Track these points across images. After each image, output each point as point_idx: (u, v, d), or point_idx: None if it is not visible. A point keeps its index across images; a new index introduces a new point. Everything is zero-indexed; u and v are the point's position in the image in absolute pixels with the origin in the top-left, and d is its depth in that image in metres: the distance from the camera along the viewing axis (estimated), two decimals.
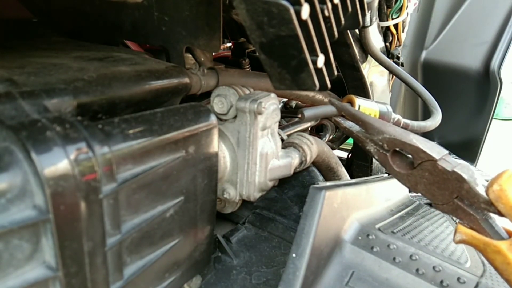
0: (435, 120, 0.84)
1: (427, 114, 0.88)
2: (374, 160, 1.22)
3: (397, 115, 0.73)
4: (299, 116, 0.57)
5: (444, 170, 0.47)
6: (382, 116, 0.68)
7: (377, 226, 0.64)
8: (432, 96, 0.94)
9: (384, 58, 0.98)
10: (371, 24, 0.90)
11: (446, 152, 0.49)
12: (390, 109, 0.70)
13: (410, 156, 0.51)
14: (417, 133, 0.56)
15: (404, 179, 0.52)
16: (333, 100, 0.60)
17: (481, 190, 0.45)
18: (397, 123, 0.72)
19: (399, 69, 1.00)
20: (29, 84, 0.41)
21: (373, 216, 0.67)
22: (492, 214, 0.46)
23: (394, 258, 0.57)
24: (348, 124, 0.58)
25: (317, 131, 1.30)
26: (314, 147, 0.72)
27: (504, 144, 3.43)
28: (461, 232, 0.47)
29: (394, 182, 0.83)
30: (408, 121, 0.76)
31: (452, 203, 0.48)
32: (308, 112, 0.57)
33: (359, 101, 0.65)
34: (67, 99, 0.41)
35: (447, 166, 0.47)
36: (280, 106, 1.43)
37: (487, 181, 0.45)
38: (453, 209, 0.48)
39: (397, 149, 0.52)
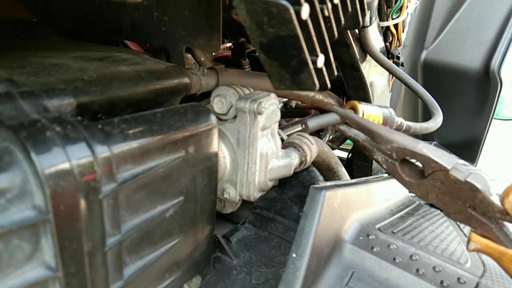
0: (436, 121, 0.84)
1: (427, 114, 0.88)
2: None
3: (399, 118, 0.72)
4: (303, 127, 0.55)
5: (457, 180, 0.46)
6: (386, 120, 0.67)
7: (377, 226, 0.64)
8: (432, 96, 0.94)
9: (384, 59, 0.98)
10: (370, 24, 0.90)
11: (457, 160, 0.48)
12: (393, 112, 0.69)
13: (419, 164, 0.50)
14: (419, 135, 0.55)
15: (414, 189, 0.51)
16: (337, 107, 0.58)
17: (495, 200, 0.44)
18: (399, 127, 0.71)
19: (399, 70, 0.99)
20: (29, 84, 0.41)
21: (373, 216, 0.67)
22: (506, 223, 0.45)
23: (394, 258, 0.57)
24: (353, 132, 0.56)
25: (317, 131, 1.30)
26: (314, 147, 0.72)
27: (504, 144, 3.43)
28: (475, 241, 0.46)
29: (394, 182, 0.83)
30: (410, 124, 0.75)
31: (465, 212, 0.47)
32: (312, 123, 0.55)
33: (362, 107, 0.63)
34: (67, 99, 0.41)
35: (460, 176, 0.46)
36: (280, 106, 1.43)
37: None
38: (466, 218, 0.47)
39: (406, 158, 0.50)
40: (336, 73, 0.49)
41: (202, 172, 0.51)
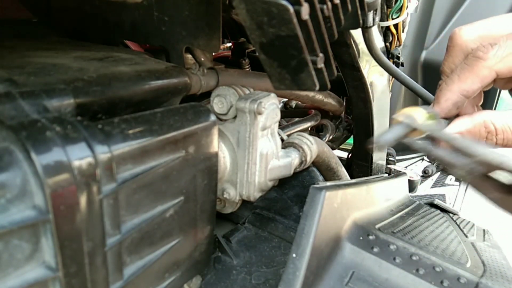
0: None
1: None
2: (374, 160, 1.22)
3: None
4: (369, 147, 0.47)
5: None
6: None
7: (377, 226, 0.64)
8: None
9: (390, 64, 0.97)
10: (374, 25, 0.90)
11: None
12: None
13: (503, 176, 0.45)
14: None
15: (500, 204, 0.47)
16: (407, 121, 0.50)
17: None
18: None
19: (401, 72, 0.98)
20: (29, 84, 0.41)
21: (373, 216, 0.67)
22: None
23: (394, 258, 0.57)
24: (423, 145, 0.49)
25: (317, 131, 1.30)
26: (314, 147, 0.72)
27: None
28: None
29: (394, 182, 0.83)
30: None
31: None
32: (386, 138, 0.47)
33: (420, 114, 0.52)
34: (67, 99, 0.41)
35: None
36: (280, 106, 1.43)
37: None
38: None
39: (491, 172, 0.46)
40: (336, 73, 0.49)
41: (202, 172, 0.51)
